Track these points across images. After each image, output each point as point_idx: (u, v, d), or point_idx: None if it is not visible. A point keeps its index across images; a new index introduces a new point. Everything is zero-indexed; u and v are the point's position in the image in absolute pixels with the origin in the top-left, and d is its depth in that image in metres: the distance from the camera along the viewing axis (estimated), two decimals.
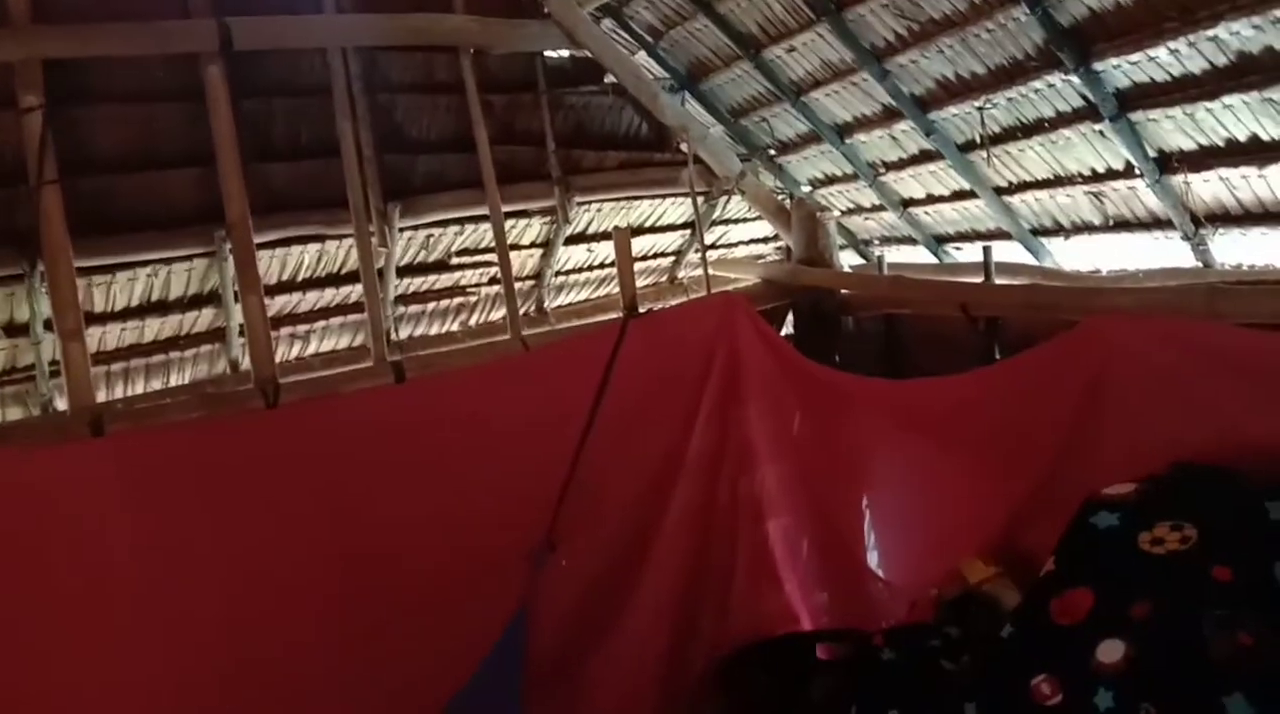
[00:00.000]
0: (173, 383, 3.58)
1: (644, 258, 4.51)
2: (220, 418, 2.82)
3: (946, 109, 3.31)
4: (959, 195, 3.70)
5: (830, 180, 4.33)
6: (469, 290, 4.05)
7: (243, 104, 3.25)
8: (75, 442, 2.66)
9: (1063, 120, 3.00)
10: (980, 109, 3.15)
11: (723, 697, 3.20)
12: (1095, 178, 3.11)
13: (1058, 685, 2.06)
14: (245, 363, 3.64)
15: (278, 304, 3.49)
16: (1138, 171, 2.88)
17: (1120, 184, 3.03)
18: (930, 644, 2.68)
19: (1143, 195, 3.00)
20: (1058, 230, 3.45)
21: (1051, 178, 3.25)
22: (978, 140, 3.30)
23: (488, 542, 2.88)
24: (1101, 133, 2.88)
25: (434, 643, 2.76)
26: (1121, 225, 3.18)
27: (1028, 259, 3.64)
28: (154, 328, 3.37)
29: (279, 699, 2.58)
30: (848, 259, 4.51)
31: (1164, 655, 1.93)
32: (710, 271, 3.81)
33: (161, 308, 3.34)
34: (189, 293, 3.35)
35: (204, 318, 3.45)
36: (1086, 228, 3.32)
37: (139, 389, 3.52)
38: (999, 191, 3.49)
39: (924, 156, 3.66)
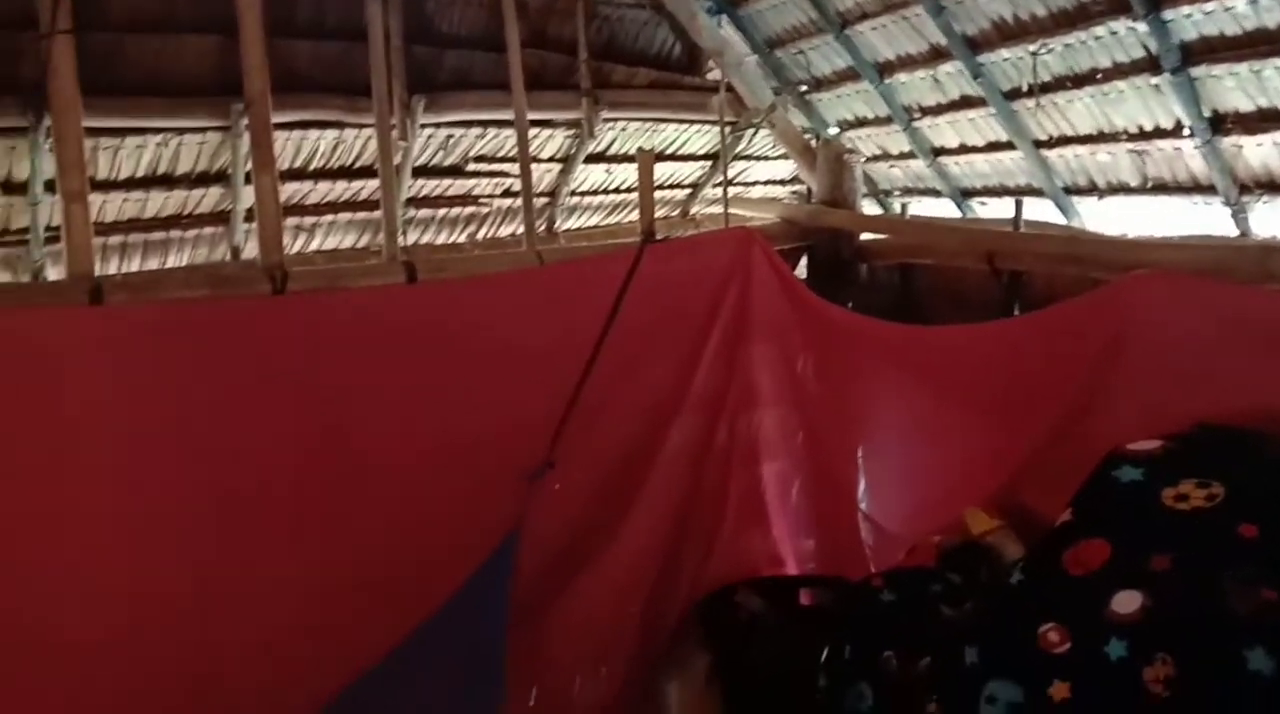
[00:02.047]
0: (170, 264, 3.47)
1: (660, 187, 4.41)
2: (225, 299, 2.70)
3: (998, 52, 3.22)
4: (994, 146, 3.62)
5: (861, 123, 4.23)
6: (481, 201, 3.95)
7: None
8: (73, 307, 2.54)
9: (1118, 71, 2.92)
10: (1034, 54, 3.05)
11: (702, 633, 3.17)
12: (1141, 135, 3.04)
13: (1066, 634, 2.02)
14: (247, 251, 3.54)
15: (287, 191, 3.37)
16: (1187, 131, 2.81)
17: (1166, 144, 2.96)
18: (931, 589, 2.64)
19: (1187, 157, 2.94)
20: (1092, 189, 3.38)
21: (1095, 133, 3.18)
22: (1025, 88, 3.21)
23: (486, 456, 2.79)
24: (1157, 87, 2.80)
25: (423, 554, 2.68)
26: (1160, 188, 3.12)
27: (1056, 218, 3.58)
28: (157, 202, 3.25)
29: (251, 597, 2.49)
30: (866, 209, 4.44)
31: (1183, 607, 1.89)
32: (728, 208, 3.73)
33: (167, 182, 3.22)
34: (197, 168, 3.23)
35: (210, 198, 3.34)
36: (1123, 189, 3.26)
37: (134, 267, 3.41)
38: (1038, 144, 3.42)
39: (964, 102, 3.57)
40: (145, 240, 3.34)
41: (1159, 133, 2.98)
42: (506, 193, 3.94)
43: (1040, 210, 3.62)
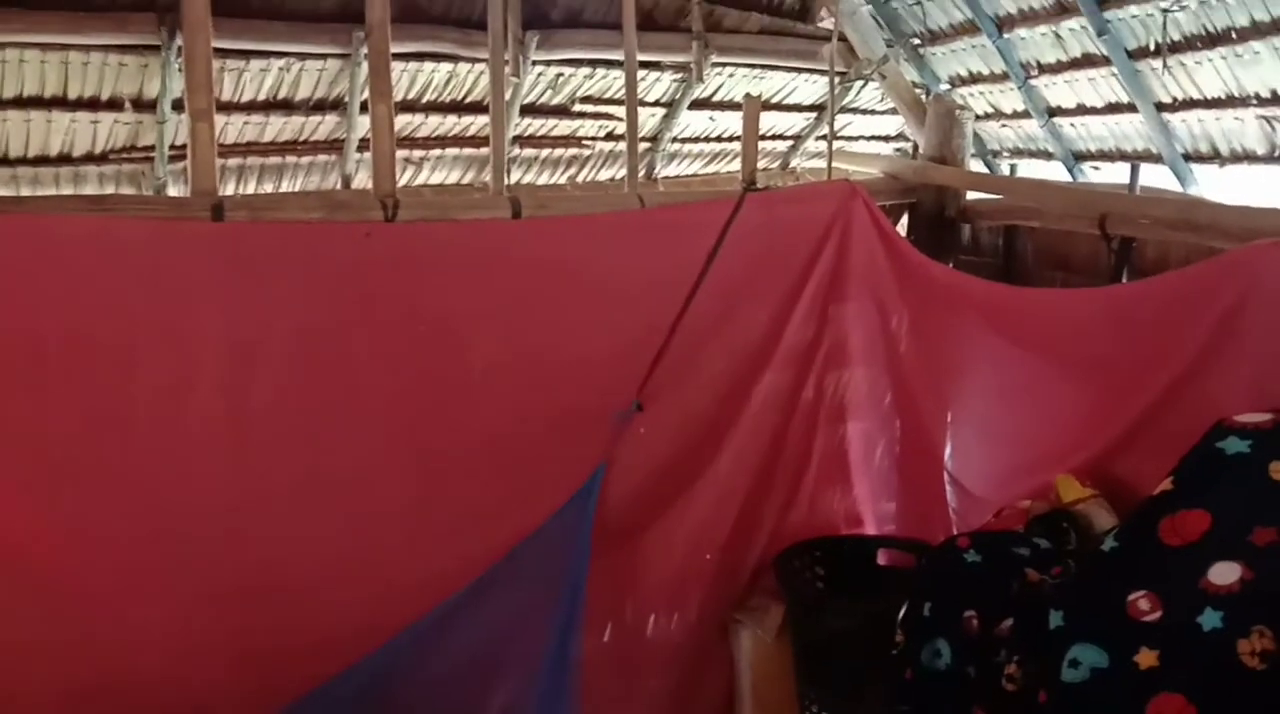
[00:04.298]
0: (284, 189, 3.59)
1: (761, 137, 4.37)
2: (339, 223, 2.76)
3: (1126, 8, 3.09)
4: (1113, 108, 3.51)
5: (974, 79, 4.13)
6: (585, 142, 3.98)
7: None
8: (196, 222, 2.64)
9: (1256, 31, 2.79)
10: (1165, 10, 2.94)
11: (777, 586, 3.19)
12: (1274, 100, 2.91)
13: (1158, 602, 2.01)
14: (357, 181, 3.63)
15: (399, 123, 3.41)
16: None
17: None
18: (1018, 552, 2.63)
19: None
20: (1214, 157, 3.26)
21: (1223, 97, 3.06)
22: (1152, 47, 3.10)
23: (578, 391, 2.87)
24: None
25: (514, 482, 2.78)
26: None
27: (1173, 186, 3.47)
28: (276, 127, 3.36)
29: (344, 515, 2.61)
30: (974, 169, 4.34)
31: None
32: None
33: (286, 107, 3.32)
34: (315, 95, 3.32)
35: (325, 126, 3.43)
36: (1248, 157, 3.14)
37: (250, 189, 3.53)
38: (1160, 107, 3.30)
39: (1085, 60, 3.46)
40: (262, 164, 3.46)
41: None
42: (610, 136, 3.96)
43: (1156, 177, 3.52)
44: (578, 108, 3.84)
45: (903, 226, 4.10)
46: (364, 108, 3.30)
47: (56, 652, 2.29)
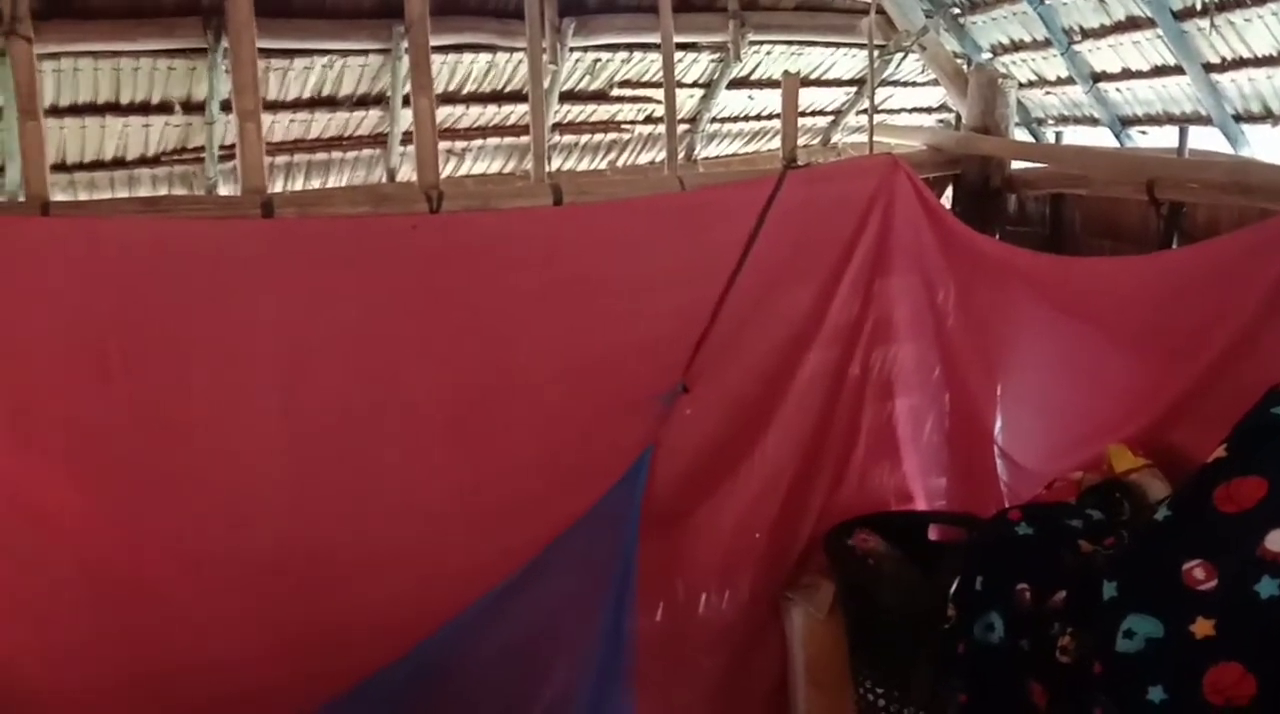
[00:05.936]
0: (330, 184, 3.66)
1: (802, 114, 4.35)
2: (386, 216, 2.80)
3: None
4: (1159, 71, 3.45)
5: (1016, 47, 4.07)
6: (624, 127, 4.00)
7: None
8: (248, 219, 2.69)
9: None
10: None
11: (827, 564, 3.20)
12: None
13: (1213, 571, 1.98)
14: (402, 173, 3.69)
15: (440, 115, 3.49)
16: None
17: None
18: (1070, 524, 2.61)
19: None
20: (1265, 117, 3.19)
21: (1275, 54, 2.98)
22: (1198, 7, 3.03)
23: (625, 375, 2.89)
24: None
25: (564, 466, 2.82)
26: None
27: (1223, 148, 3.40)
28: (321, 123, 3.43)
29: (397, 503, 2.66)
30: (1018, 138, 4.28)
31: None
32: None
33: (330, 103, 3.39)
34: (358, 91, 3.38)
35: (369, 120, 3.49)
36: None
37: (298, 186, 3.61)
38: (1208, 68, 3.23)
39: (1129, 23, 3.39)
40: (309, 161, 3.55)
41: None
42: (649, 119, 3.97)
43: (1205, 139, 3.44)
44: (616, 92, 3.86)
45: (947, 199, 4.05)
46: (406, 101, 3.34)
47: (113, 641, 2.37)
